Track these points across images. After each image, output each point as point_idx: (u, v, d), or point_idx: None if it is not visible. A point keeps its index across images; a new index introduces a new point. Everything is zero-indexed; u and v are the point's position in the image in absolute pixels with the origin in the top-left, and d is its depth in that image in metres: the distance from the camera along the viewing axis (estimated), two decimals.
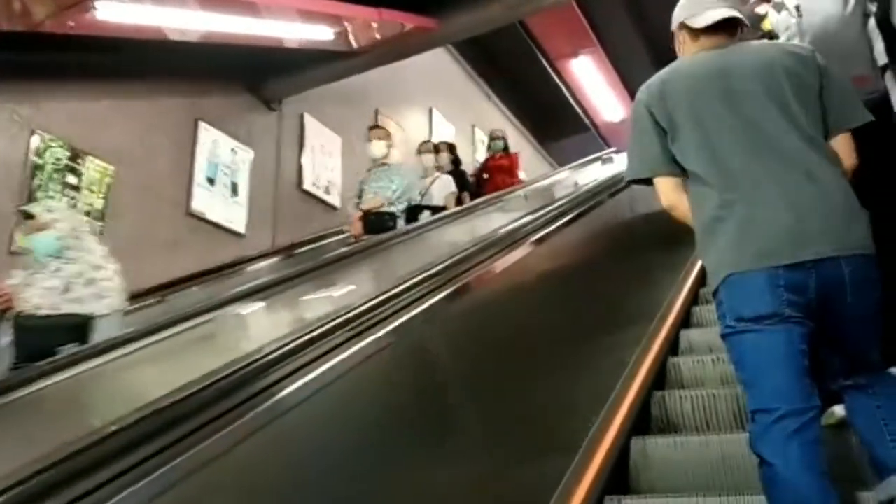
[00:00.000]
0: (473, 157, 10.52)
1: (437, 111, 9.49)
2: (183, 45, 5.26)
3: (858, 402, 1.82)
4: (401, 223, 5.14)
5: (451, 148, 6.59)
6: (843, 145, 1.85)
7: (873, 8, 2.14)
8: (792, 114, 1.80)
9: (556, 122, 11.97)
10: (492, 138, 7.38)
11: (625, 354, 2.77)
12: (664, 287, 3.76)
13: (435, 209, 5.46)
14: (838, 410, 2.09)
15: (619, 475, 2.22)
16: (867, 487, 1.86)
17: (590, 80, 10.55)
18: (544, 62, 10.24)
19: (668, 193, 1.91)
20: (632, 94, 10.72)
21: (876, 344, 1.79)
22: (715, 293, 1.82)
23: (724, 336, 1.80)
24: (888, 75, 2.19)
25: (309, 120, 7.00)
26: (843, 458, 1.97)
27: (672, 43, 2.05)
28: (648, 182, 1.95)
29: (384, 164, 5.43)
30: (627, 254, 3.68)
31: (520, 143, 12.30)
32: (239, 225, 5.81)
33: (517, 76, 10.99)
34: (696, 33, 1.96)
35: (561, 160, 11.40)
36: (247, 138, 6.17)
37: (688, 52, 2.00)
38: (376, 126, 5.68)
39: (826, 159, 1.79)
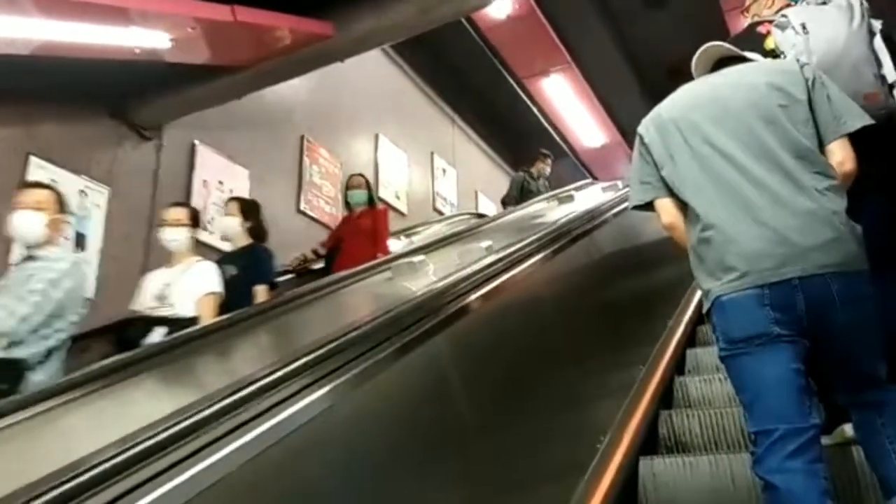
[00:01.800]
0: (432, 189, 9.29)
1: (384, 137, 8.21)
2: (10, 58, 4.03)
3: (864, 419, 1.80)
4: (40, 376, 2.73)
5: (247, 209, 4.16)
6: (839, 151, 1.85)
7: (878, 25, 2.14)
8: (782, 130, 1.84)
9: (532, 149, 10.72)
10: (348, 187, 5.11)
11: (631, 374, 2.74)
12: (669, 305, 3.68)
13: (177, 323, 3.17)
14: (848, 429, 2.06)
15: (628, 496, 2.19)
16: None
17: (565, 101, 9.30)
18: (512, 81, 9.00)
19: (668, 213, 1.98)
20: (612, 118, 9.36)
21: (880, 360, 1.77)
22: (708, 315, 1.87)
23: (721, 359, 1.85)
24: None
25: (203, 150, 5.73)
26: (849, 476, 1.96)
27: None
28: (649, 207, 2.03)
29: (31, 258, 3.00)
30: (628, 278, 3.57)
31: (493, 173, 11.04)
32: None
33: (485, 97, 9.76)
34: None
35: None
36: (105, 176, 4.89)
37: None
38: (31, 184, 3.46)
39: (818, 175, 1.80)
